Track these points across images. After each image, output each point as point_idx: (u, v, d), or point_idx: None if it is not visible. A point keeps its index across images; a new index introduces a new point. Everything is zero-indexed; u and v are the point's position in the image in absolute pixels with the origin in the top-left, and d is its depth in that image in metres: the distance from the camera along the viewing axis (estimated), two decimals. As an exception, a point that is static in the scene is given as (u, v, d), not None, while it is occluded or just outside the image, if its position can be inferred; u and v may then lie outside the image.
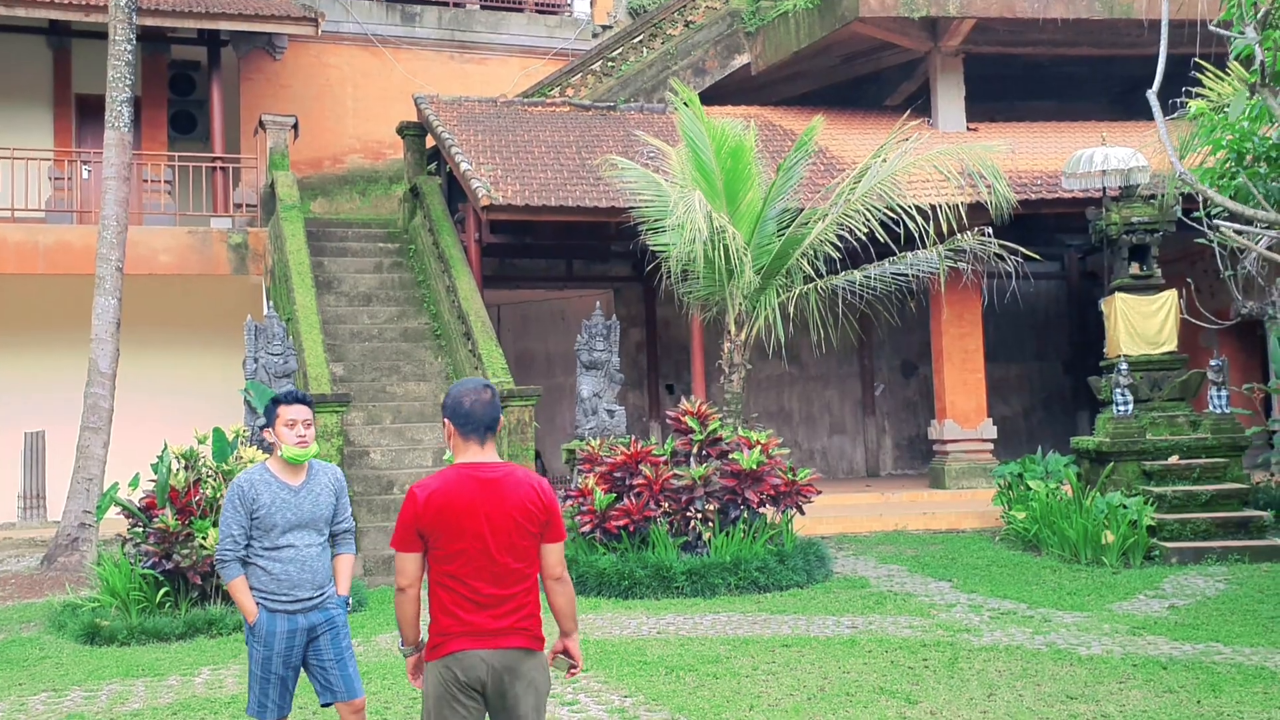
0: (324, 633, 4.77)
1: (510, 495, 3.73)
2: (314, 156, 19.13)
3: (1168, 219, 12.66)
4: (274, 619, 4.67)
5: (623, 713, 6.33)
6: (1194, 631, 7.89)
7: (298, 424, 4.74)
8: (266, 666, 4.68)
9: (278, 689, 4.71)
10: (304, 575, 4.68)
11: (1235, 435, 12.03)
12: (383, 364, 14.52)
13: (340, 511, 4.91)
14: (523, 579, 3.74)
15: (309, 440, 4.73)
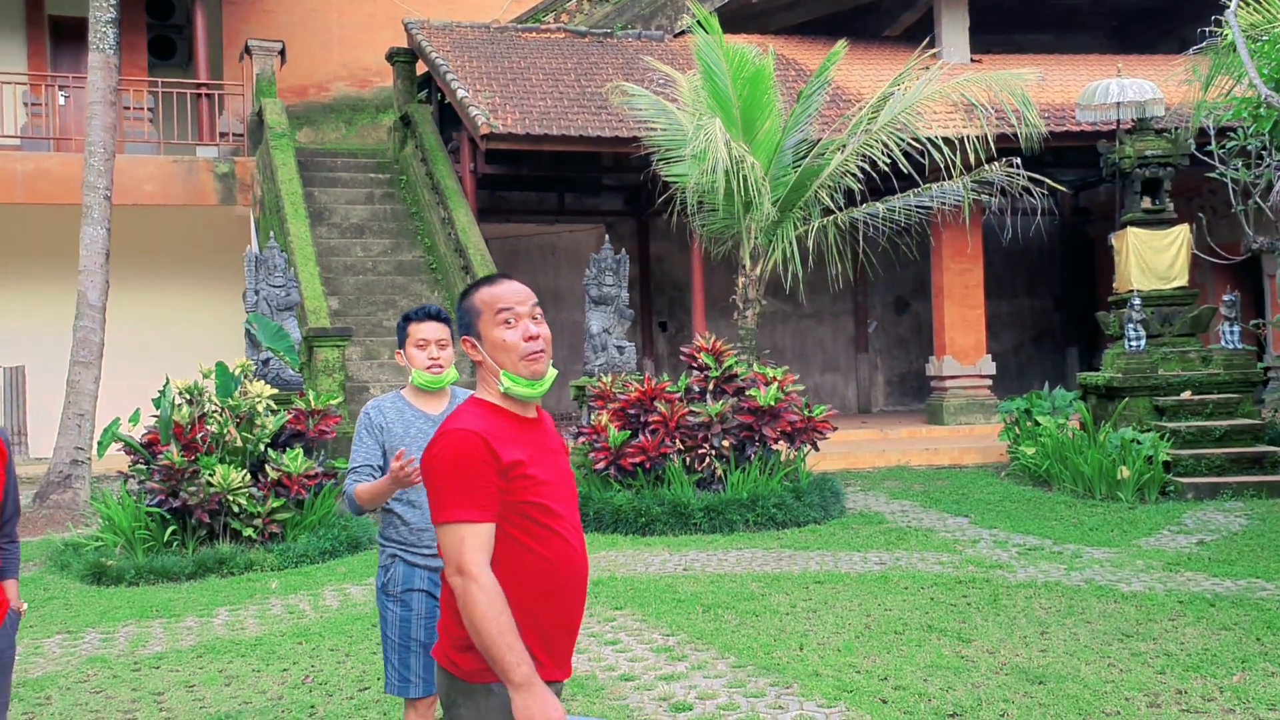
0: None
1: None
2: (299, 84, 18.58)
3: (1181, 152, 12.47)
4: (413, 574, 3.87)
5: (669, 651, 6.17)
6: (1230, 568, 7.81)
7: (430, 344, 3.95)
8: (405, 631, 3.88)
9: (420, 658, 3.88)
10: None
11: (1248, 371, 11.97)
12: (378, 298, 14.19)
13: None
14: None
15: (444, 363, 3.96)
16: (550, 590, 2.65)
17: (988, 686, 5.38)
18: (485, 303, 2.73)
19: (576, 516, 2.81)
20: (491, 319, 2.71)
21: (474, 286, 2.80)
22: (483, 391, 2.75)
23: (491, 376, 2.71)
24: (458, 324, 2.80)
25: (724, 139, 9.64)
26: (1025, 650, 5.99)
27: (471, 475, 2.56)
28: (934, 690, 5.35)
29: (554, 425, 2.94)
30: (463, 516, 2.55)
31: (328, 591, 8.15)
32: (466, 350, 2.76)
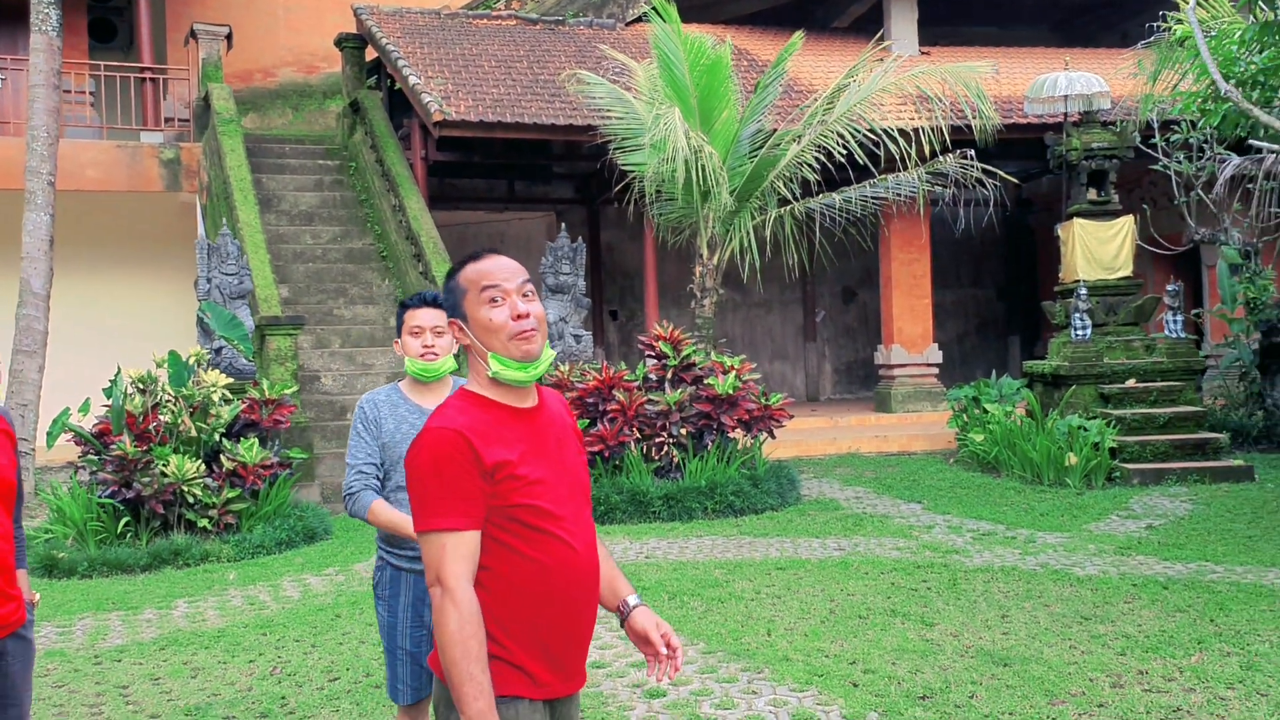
0: None
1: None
2: (244, 69, 18.29)
3: (1127, 145, 12.71)
4: (399, 578, 3.71)
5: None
6: (1180, 551, 8.01)
7: (424, 331, 3.74)
8: (391, 636, 3.73)
9: (408, 666, 3.71)
10: None
11: (1190, 359, 12.24)
12: (328, 286, 14.05)
13: None
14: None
15: (439, 351, 3.75)
16: (548, 597, 2.44)
17: (955, 669, 5.48)
18: (470, 280, 2.48)
19: (584, 513, 2.56)
20: (477, 297, 2.46)
21: (460, 264, 2.56)
22: (472, 381, 2.52)
23: (480, 361, 2.47)
24: (445, 305, 2.56)
25: (683, 129, 9.67)
26: (988, 633, 6.11)
27: (452, 479, 2.34)
28: (903, 673, 5.44)
29: (564, 407, 2.70)
30: (443, 524, 2.34)
31: (287, 582, 8.09)
32: (454, 334, 2.52)
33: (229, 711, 5.27)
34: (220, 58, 15.52)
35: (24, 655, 3.27)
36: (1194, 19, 5.73)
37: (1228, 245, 13.11)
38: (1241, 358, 13.53)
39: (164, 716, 5.24)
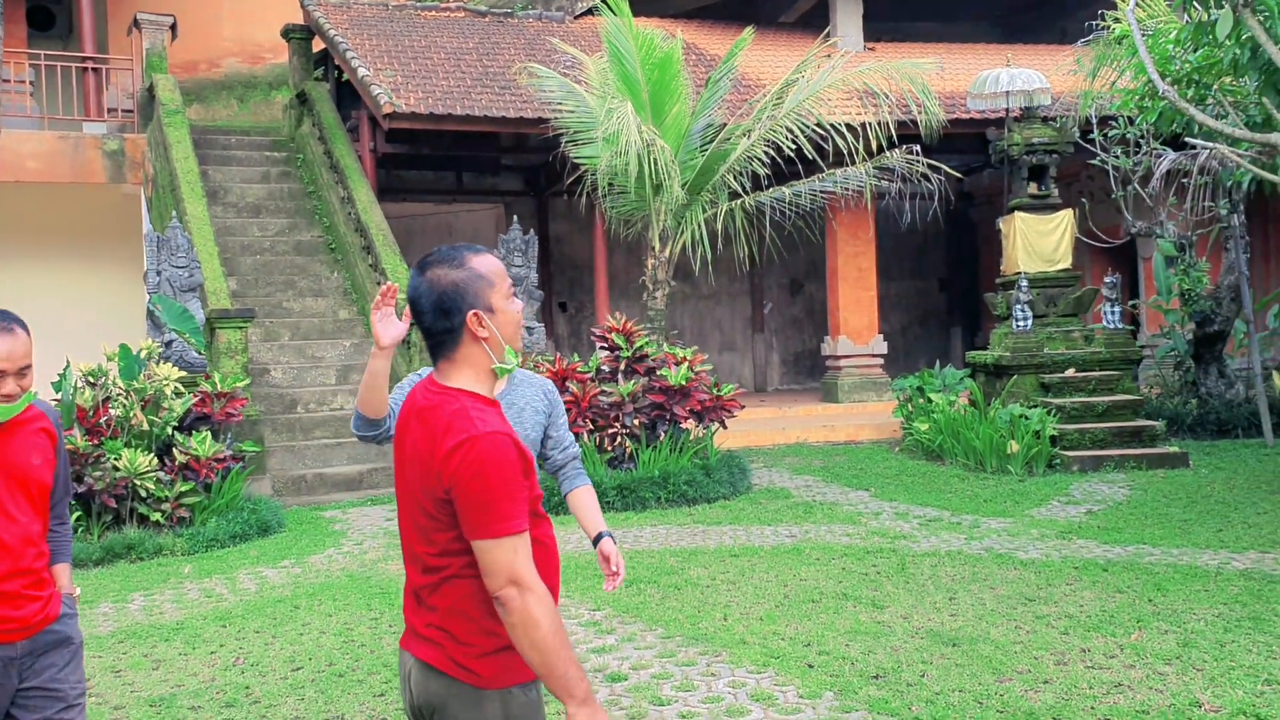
0: None
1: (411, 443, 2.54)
2: (188, 60, 18.12)
3: (1066, 140, 13.01)
4: None
5: (597, 625, 6.33)
6: (1118, 535, 8.27)
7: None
8: None
9: None
10: None
11: (1127, 349, 12.57)
12: (277, 278, 13.99)
13: (561, 433, 3.72)
14: (430, 570, 2.52)
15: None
16: (548, 579, 2.50)
17: (906, 649, 5.66)
18: (497, 273, 2.51)
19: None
20: (502, 289, 2.50)
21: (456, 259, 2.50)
22: (464, 376, 2.46)
23: (487, 355, 2.46)
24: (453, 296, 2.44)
25: (636, 123, 9.77)
26: (937, 615, 6.30)
27: (513, 483, 2.36)
28: (856, 654, 5.61)
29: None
30: (515, 529, 2.35)
31: (243, 575, 8.10)
32: (472, 326, 2.43)
33: (194, 702, 5.31)
34: (165, 48, 15.36)
35: (59, 648, 3.24)
36: (1133, 20, 5.93)
37: (1163, 238, 13.46)
38: (1176, 348, 13.91)
39: (129, 708, 5.27)
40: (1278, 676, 5.02)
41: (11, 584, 3.13)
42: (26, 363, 3.10)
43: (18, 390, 3.10)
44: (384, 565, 8.18)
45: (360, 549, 8.84)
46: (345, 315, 13.80)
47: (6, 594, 3.12)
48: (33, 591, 3.18)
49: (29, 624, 3.16)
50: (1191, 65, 8.64)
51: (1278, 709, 4.63)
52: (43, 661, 3.21)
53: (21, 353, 3.10)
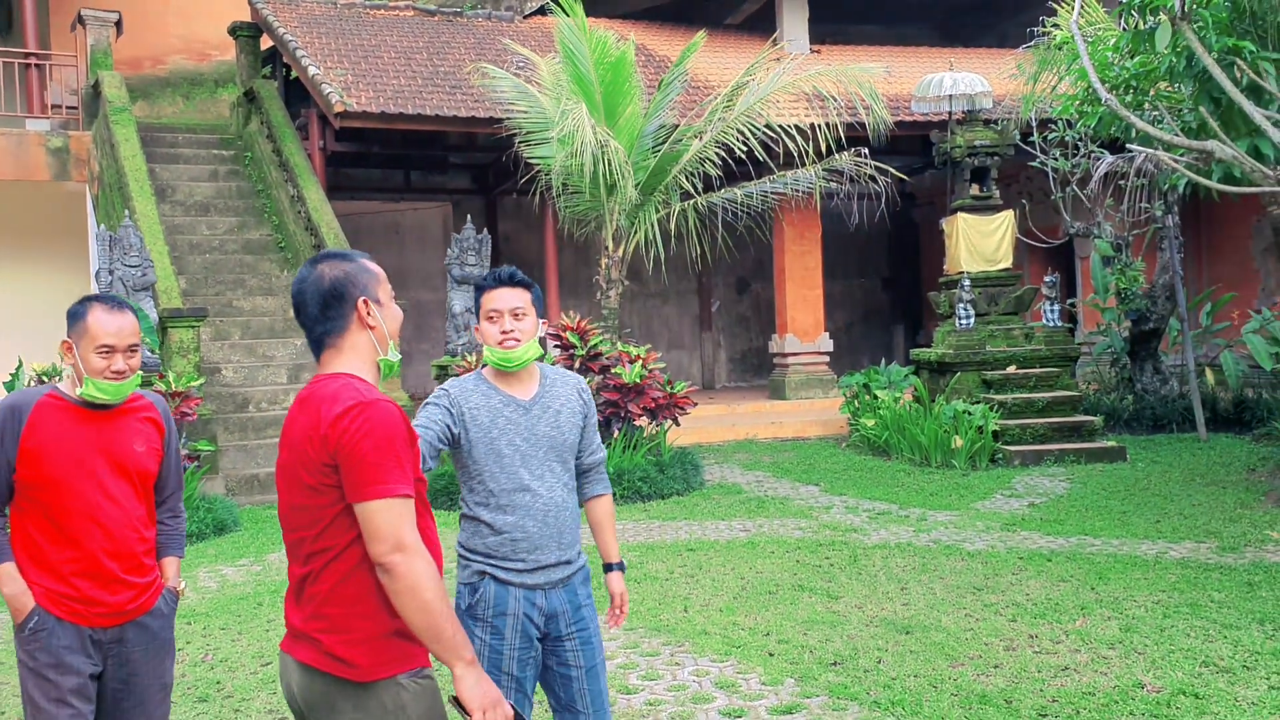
0: (569, 627, 3.30)
1: (293, 430, 2.52)
2: (133, 56, 17.93)
3: (1008, 143, 13.34)
4: (506, 595, 3.21)
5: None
6: (1060, 526, 8.55)
7: (503, 315, 3.28)
8: (495, 663, 3.19)
9: (513, 695, 3.21)
10: (546, 529, 3.24)
11: (1066, 346, 12.93)
12: (226, 277, 13.94)
13: (590, 435, 3.48)
14: (312, 555, 2.47)
15: (520, 336, 3.28)
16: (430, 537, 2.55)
17: (861, 637, 5.86)
18: (381, 275, 2.64)
19: None
20: (386, 288, 2.64)
21: (342, 258, 2.60)
22: (349, 364, 2.52)
23: (372, 345, 2.55)
24: (343, 284, 2.53)
25: (590, 124, 9.91)
26: (890, 604, 6.51)
27: (402, 447, 2.38)
28: (814, 643, 5.80)
29: None
30: (402, 492, 2.36)
31: (202, 573, 8.13)
32: (361, 312, 2.53)
33: (166, 697, 5.37)
34: (110, 44, 15.22)
35: (148, 643, 3.29)
36: (1077, 32, 6.18)
37: (1101, 238, 13.84)
38: (1113, 345, 14.31)
39: (100, 704, 5.32)
40: (1215, 659, 5.28)
41: (108, 565, 3.20)
42: (134, 341, 3.23)
43: (127, 368, 3.19)
44: (344, 562, 8.23)
45: (318, 547, 8.88)
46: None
47: (101, 575, 3.19)
48: (130, 576, 3.24)
49: (122, 610, 3.23)
50: (1129, 72, 8.94)
51: (1215, 689, 4.88)
52: (126, 652, 3.26)
53: (130, 330, 3.22)
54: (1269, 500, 9.13)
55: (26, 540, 3.20)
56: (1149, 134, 6.01)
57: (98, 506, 3.19)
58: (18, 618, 3.19)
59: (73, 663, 3.16)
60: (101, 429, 3.22)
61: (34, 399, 3.20)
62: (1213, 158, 6.29)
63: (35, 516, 3.19)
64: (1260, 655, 5.30)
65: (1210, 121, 6.06)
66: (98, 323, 3.17)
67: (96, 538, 3.19)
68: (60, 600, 3.17)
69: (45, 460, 3.15)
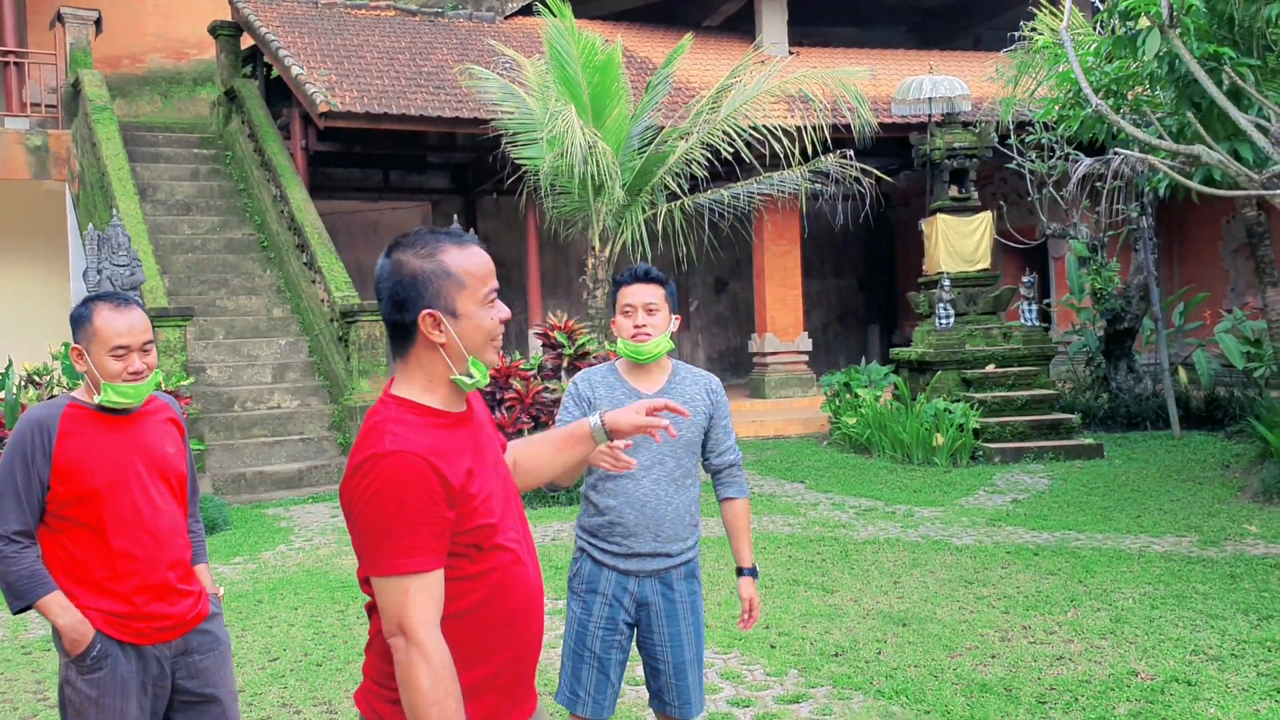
0: (660, 620, 3.41)
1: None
2: (111, 55, 17.85)
3: (986, 145, 13.54)
4: (599, 574, 3.39)
5: (560, 614, 6.55)
6: (1044, 521, 8.73)
7: (637, 310, 3.38)
8: (581, 637, 3.39)
9: (594, 674, 3.37)
10: (642, 519, 3.34)
11: (1044, 345, 13.15)
12: (209, 276, 13.93)
13: (719, 436, 3.52)
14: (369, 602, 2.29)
15: (651, 331, 3.38)
16: (508, 623, 2.21)
17: (860, 630, 5.99)
18: (470, 273, 2.16)
19: (522, 518, 2.33)
20: (478, 294, 2.17)
21: (427, 246, 2.17)
22: (409, 385, 2.18)
23: (445, 363, 2.17)
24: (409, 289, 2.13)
25: (579, 125, 10.00)
26: (884, 597, 6.65)
27: (418, 512, 2.02)
28: (813, 635, 5.93)
29: (481, 402, 2.38)
30: (410, 567, 2.02)
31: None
32: (425, 329, 2.13)
33: (177, 692, 5.42)
34: (89, 43, 15.17)
35: (213, 649, 3.19)
36: (1068, 38, 6.32)
37: (1077, 239, 14.07)
38: (1088, 344, 14.54)
39: (112, 699, 5.36)
40: (1204, 647, 5.45)
41: (165, 576, 3.05)
42: (147, 338, 3.05)
43: (144, 367, 3.03)
44: (338, 560, 8.30)
45: (312, 545, 8.94)
46: (279, 313, 13.80)
47: (161, 587, 3.04)
48: (185, 585, 3.12)
49: (184, 620, 3.10)
50: (1109, 76, 9.12)
51: (1206, 676, 5.04)
52: (195, 662, 3.14)
53: (141, 326, 3.05)
54: (1245, 495, 9.35)
55: (69, 562, 2.99)
56: (1138, 138, 6.17)
57: (145, 514, 3.03)
58: (76, 649, 2.96)
59: (134, 691, 3.01)
60: (133, 434, 3.07)
61: (58, 411, 3.03)
62: (1199, 161, 6.47)
63: (78, 535, 2.99)
64: (1247, 644, 5.47)
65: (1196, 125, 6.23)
66: (106, 324, 2.98)
67: (149, 547, 3.03)
68: (120, 622, 2.99)
69: (84, 473, 2.97)
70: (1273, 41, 7.35)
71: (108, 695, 2.96)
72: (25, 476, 2.95)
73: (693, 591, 3.47)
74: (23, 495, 2.94)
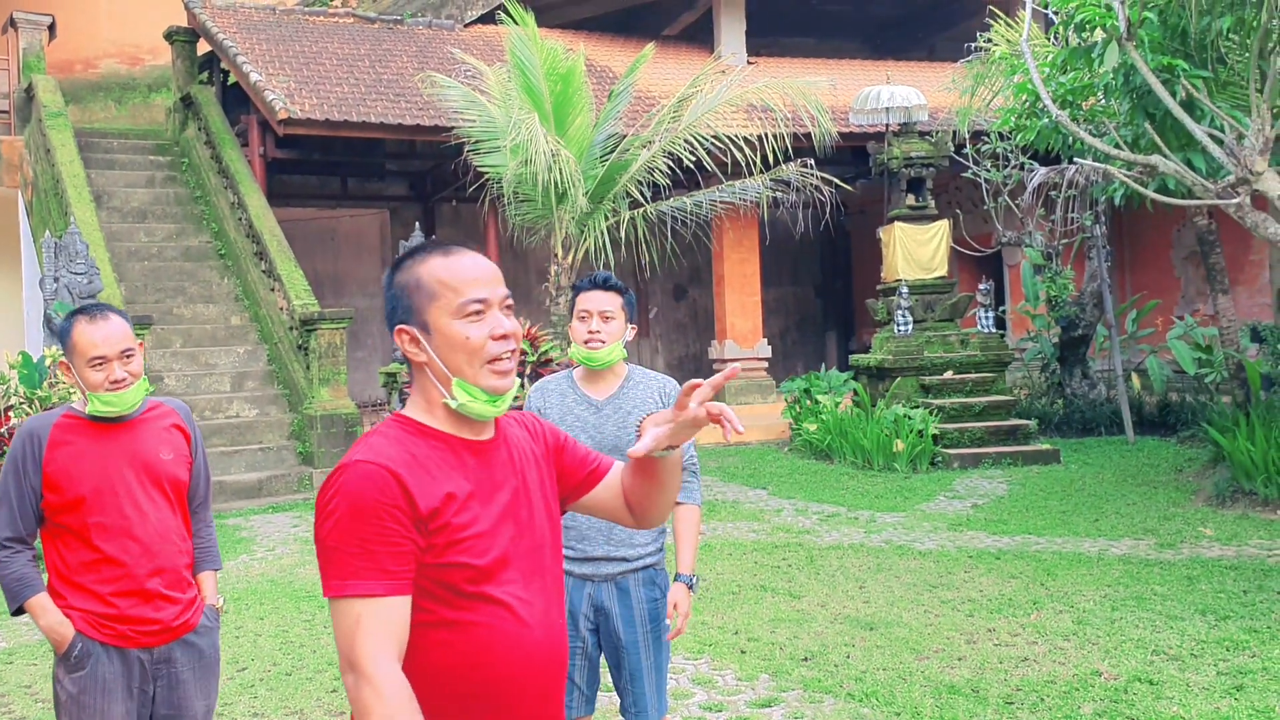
0: (614, 621, 3.41)
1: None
2: (64, 60, 17.63)
3: (942, 154, 13.71)
4: (570, 589, 3.40)
5: (530, 621, 6.56)
6: (1004, 526, 8.85)
7: (592, 316, 3.40)
8: None
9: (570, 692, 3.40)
10: (595, 523, 3.34)
11: (1000, 352, 13.32)
12: (166, 285, 13.80)
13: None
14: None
15: (605, 338, 3.38)
16: (491, 696, 1.92)
17: (828, 634, 6.05)
18: (443, 282, 1.94)
19: (544, 577, 2.02)
20: (450, 305, 1.93)
21: (415, 256, 1.99)
22: (413, 406, 2.00)
23: (436, 385, 1.96)
24: (389, 304, 1.99)
25: (542, 133, 10.02)
26: (851, 602, 6.72)
27: (374, 529, 1.80)
28: (782, 640, 5.98)
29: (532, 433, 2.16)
30: (360, 590, 1.80)
31: (159, 582, 8.07)
32: (402, 345, 1.96)
33: (145, 704, 5.38)
34: (43, 48, 14.99)
35: (195, 662, 3.21)
36: (1028, 51, 6.45)
37: (1031, 247, 14.27)
38: (1044, 351, 14.74)
39: (79, 712, 5.31)
40: (1164, 648, 5.56)
41: (151, 582, 3.09)
42: (126, 346, 3.08)
43: (126, 375, 3.07)
44: (301, 570, 8.25)
45: (274, 555, 8.88)
46: (237, 321, 13.69)
47: (145, 593, 3.09)
48: (172, 592, 3.14)
49: (169, 626, 3.12)
50: (1064, 87, 9.29)
51: (1168, 675, 5.15)
52: (176, 673, 3.16)
53: (119, 335, 3.08)
54: (1199, 499, 9.53)
55: (62, 566, 3.08)
56: (1097, 148, 6.29)
57: (132, 522, 3.09)
58: (60, 649, 3.07)
59: (118, 691, 3.06)
60: (125, 441, 3.12)
61: (50, 421, 3.12)
62: (1155, 171, 6.60)
63: (68, 540, 3.08)
64: (1206, 644, 5.59)
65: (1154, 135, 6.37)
66: (82, 336, 3.05)
67: (135, 553, 3.09)
68: (102, 624, 3.06)
69: (71, 481, 3.05)
70: (1225, 54, 7.52)
71: (88, 694, 3.04)
72: (18, 485, 3.06)
73: (653, 599, 3.43)
74: (14, 503, 3.06)
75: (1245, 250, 15.69)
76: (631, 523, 2.22)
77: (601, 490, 2.20)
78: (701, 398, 1.96)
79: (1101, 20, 7.50)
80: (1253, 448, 9.21)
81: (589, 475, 2.20)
